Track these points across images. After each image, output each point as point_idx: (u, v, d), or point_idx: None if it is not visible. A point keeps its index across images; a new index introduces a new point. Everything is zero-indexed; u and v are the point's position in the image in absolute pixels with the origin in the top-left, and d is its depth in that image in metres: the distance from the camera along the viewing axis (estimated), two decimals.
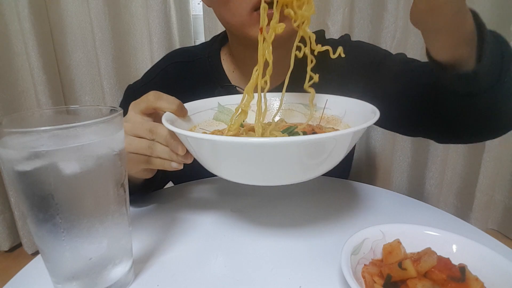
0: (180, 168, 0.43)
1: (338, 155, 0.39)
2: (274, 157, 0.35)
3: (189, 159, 0.42)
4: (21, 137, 0.28)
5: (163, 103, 0.43)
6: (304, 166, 0.37)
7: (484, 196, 1.49)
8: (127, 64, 1.38)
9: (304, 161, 0.36)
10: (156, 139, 0.42)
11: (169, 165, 0.43)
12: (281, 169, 0.37)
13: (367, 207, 0.53)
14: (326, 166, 0.39)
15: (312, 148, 0.35)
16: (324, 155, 0.37)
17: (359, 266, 0.36)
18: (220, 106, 0.53)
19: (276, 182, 0.42)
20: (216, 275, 0.38)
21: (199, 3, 1.43)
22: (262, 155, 0.34)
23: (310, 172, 0.39)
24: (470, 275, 0.33)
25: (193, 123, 0.50)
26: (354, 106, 0.48)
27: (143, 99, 0.44)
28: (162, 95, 0.44)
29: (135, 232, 0.43)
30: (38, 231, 0.30)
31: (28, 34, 1.21)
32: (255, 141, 0.33)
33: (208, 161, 0.40)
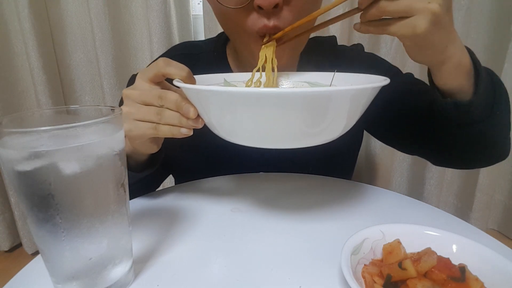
0: (190, 134, 0.42)
1: (352, 114, 0.38)
2: (284, 110, 0.34)
3: (200, 123, 0.41)
4: (21, 137, 0.28)
5: (172, 69, 0.42)
6: (313, 122, 0.37)
7: (484, 196, 1.49)
8: (127, 64, 1.38)
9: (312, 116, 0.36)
10: (165, 105, 0.41)
11: (178, 131, 0.41)
12: (290, 125, 0.36)
13: (367, 207, 0.53)
14: (337, 124, 0.38)
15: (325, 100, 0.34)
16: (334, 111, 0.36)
17: (359, 266, 0.36)
18: (226, 82, 0.53)
19: (283, 144, 0.40)
20: (216, 275, 0.38)
21: (199, 3, 1.43)
22: (273, 106, 0.34)
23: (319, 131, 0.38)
24: (470, 275, 0.33)
25: None
26: (361, 80, 0.47)
27: (152, 66, 0.43)
28: (171, 61, 0.43)
29: (135, 232, 0.43)
30: (38, 231, 0.30)
31: (28, 34, 1.21)
32: (269, 91, 0.33)
33: (218, 121, 0.39)
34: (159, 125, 0.42)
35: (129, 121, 0.42)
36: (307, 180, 0.62)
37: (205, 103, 0.38)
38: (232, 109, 0.37)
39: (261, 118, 0.36)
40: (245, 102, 0.35)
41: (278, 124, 0.36)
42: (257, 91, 0.33)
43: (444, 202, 1.57)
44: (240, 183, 0.62)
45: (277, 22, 0.49)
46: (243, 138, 0.40)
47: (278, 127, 0.36)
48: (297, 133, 0.38)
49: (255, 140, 0.39)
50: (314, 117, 0.36)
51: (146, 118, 0.41)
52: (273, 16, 0.49)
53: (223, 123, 0.39)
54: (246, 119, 0.37)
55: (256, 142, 0.39)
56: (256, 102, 0.34)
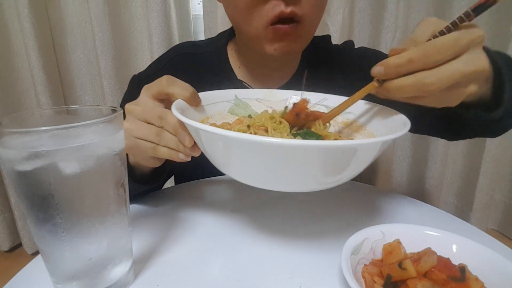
0: (187, 160, 0.41)
1: (357, 166, 0.35)
2: (290, 161, 0.32)
3: (197, 152, 0.40)
4: (21, 137, 0.28)
5: (176, 89, 0.41)
6: (321, 174, 0.34)
7: (484, 196, 1.49)
8: (127, 64, 1.38)
9: (322, 169, 0.33)
10: (164, 126, 0.40)
11: (176, 156, 0.40)
12: (296, 175, 0.34)
13: (367, 207, 0.53)
14: (344, 177, 0.36)
15: (332, 155, 0.32)
16: (343, 165, 0.34)
17: (359, 266, 0.36)
18: (237, 99, 0.51)
19: (290, 189, 0.39)
20: (216, 275, 0.38)
21: (199, 3, 1.43)
22: (277, 156, 0.31)
23: (325, 182, 0.36)
24: (470, 275, 0.33)
25: (206, 114, 0.46)
26: (381, 114, 0.44)
27: (156, 83, 0.42)
28: (175, 80, 0.42)
29: (135, 232, 0.43)
30: (38, 231, 0.30)
31: (28, 34, 1.21)
32: (272, 141, 0.29)
33: (217, 158, 0.37)
34: (158, 146, 0.41)
35: (130, 138, 0.41)
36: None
37: (197, 138, 0.37)
38: (227, 150, 0.35)
39: (255, 163, 0.34)
40: (240, 147, 0.33)
41: (276, 170, 0.34)
42: (252, 139, 0.29)
43: (444, 202, 1.57)
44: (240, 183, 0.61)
45: (295, 8, 0.49)
46: (238, 176, 0.38)
47: (275, 173, 0.34)
48: (301, 181, 0.35)
49: (249, 180, 0.37)
50: (329, 167, 0.33)
51: (145, 137, 0.40)
52: (291, 2, 0.49)
53: (217, 161, 0.37)
54: (240, 162, 0.35)
55: (250, 182, 0.37)
56: (252, 148, 0.32)
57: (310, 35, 0.58)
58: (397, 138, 0.33)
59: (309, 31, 0.56)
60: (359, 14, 1.34)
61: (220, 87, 0.65)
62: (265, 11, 0.51)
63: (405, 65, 0.34)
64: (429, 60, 0.33)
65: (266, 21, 0.51)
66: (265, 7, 0.51)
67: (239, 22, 0.57)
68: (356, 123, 0.48)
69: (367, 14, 1.34)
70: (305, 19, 0.52)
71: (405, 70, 0.35)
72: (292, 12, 0.50)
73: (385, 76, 0.36)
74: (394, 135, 0.33)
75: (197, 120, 0.45)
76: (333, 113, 0.45)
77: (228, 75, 0.66)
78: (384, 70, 0.36)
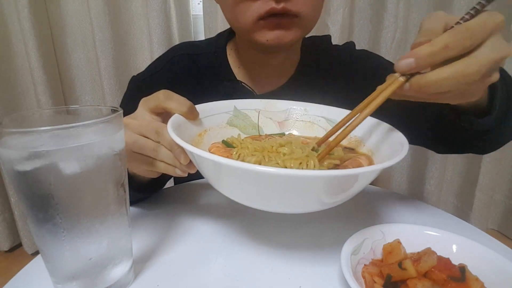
0: (184, 175, 0.41)
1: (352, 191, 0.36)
2: (282, 187, 0.32)
3: (193, 169, 0.40)
4: (21, 137, 0.28)
5: (172, 104, 0.41)
6: (316, 200, 0.35)
7: (484, 196, 1.49)
8: (127, 64, 1.38)
9: (317, 195, 0.34)
10: (161, 142, 0.40)
11: (172, 171, 0.40)
12: (289, 200, 0.35)
13: (367, 207, 0.53)
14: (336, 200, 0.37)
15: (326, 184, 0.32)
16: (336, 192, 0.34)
17: (359, 266, 0.36)
18: (236, 110, 0.50)
19: (282, 210, 0.39)
20: (216, 275, 0.38)
21: (199, 3, 1.43)
22: (270, 184, 0.32)
23: (320, 206, 0.37)
24: (470, 275, 0.33)
25: (204, 127, 0.46)
26: (380, 130, 0.44)
27: (153, 97, 0.42)
28: (172, 95, 0.42)
29: (135, 232, 0.43)
30: (38, 231, 0.30)
31: (28, 34, 1.21)
32: (264, 170, 0.29)
33: (210, 179, 0.37)
34: (155, 161, 0.41)
35: (128, 152, 0.41)
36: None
37: (192, 158, 0.37)
38: (219, 174, 0.35)
39: (247, 188, 0.34)
40: (232, 173, 0.33)
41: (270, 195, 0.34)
42: (245, 167, 0.30)
43: (444, 202, 1.57)
44: None
45: (287, 5, 0.48)
46: (231, 196, 0.38)
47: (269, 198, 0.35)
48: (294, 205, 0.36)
49: (242, 201, 0.38)
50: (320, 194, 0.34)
51: (143, 152, 0.40)
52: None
53: (211, 181, 0.38)
54: (232, 185, 0.36)
55: (244, 202, 0.38)
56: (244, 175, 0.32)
57: (307, 27, 0.56)
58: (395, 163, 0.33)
59: (306, 24, 0.54)
60: (359, 14, 1.34)
61: (219, 87, 0.65)
62: (254, 6, 0.50)
63: (440, 53, 0.30)
64: (465, 45, 0.30)
65: (257, 17, 0.50)
66: (255, 4, 0.50)
67: (229, 19, 0.57)
68: (356, 138, 0.47)
69: (367, 14, 1.34)
70: (301, 14, 0.51)
71: (440, 59, 0.31)
72: (284, 8, 0.48)
73: (416, 68, 0.32)
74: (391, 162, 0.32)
75: (195, 133, 0.45)
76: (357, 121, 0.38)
77: (227, 76, 0.65)
78: (416, 61, 0.31)
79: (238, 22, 0.54)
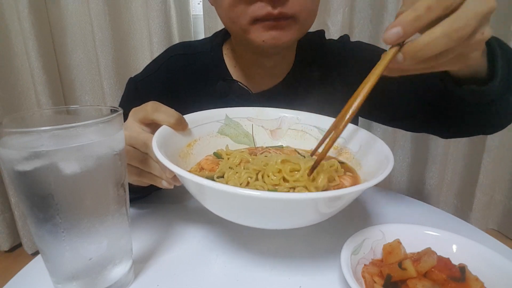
0: (170, 187, 0.41)
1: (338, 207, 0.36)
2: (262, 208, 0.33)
3: (178, 182, 0.40)
4: (21, 137, 0.28)
5: (160, 116, 0.41)
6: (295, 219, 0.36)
7: (484, 196, 1.49)
8: (127, 64, 1.38)
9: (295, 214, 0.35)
10: (149, 153, 0.40)
11: (159, 182, 0.41)
12: (273, 219, 0.36)
13: (367, 207, 0.53)
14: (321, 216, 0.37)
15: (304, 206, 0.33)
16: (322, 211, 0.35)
17: (359, 266, 0.36)
18: (227, 119, 0.50)
19: (268, 227, 0.40)
20: (216, 275, 0.38)
21: (199, 3, 1.43)
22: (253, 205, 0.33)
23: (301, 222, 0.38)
24: (470, 275, 0.33)
25: (193, 137, 0.46)
26: (370, 143, 0.44)
27: (142, 108, 0.42)
28: (160, 106, 0.42)
29: (135, 232, 0.43)
30: (38, 231, 0.30)
31: (28, 34, 1.21)
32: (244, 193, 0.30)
33: (194, 195, 0.38)
34: (143, 172, 0.41)
35: None
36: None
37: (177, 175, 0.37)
38: (202, 194, 0.36)
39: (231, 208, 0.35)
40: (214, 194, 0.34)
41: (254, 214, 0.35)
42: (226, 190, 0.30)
43: (444, 202, 1.57)
44: None
45: (283, 9, 0.48)
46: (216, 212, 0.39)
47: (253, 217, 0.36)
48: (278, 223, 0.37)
49: (227, 217, 0.38)
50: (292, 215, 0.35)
51: (131, 162, 0.41)
52: (279, 3, 0.48)
53: (196, 197, 0.38)
54: (215, 203, 0.37)
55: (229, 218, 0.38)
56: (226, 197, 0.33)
57: (303, 28, 0.56)
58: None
59: (302, 26, 0.54)
60: (359, 14, 1.34)
61: (215, 87, 0.65)
62: (250, 10, 0.50)
63: (424, 15, 0.30)
64: (447, 3, 0.30)
65: (253, 19, 0.50)
66: (251, 8, 0.49)
67: (225, 21, 0.57)
68: (346, 149, 0.47)
69: (367, 14, 1.34)
70: (298, 16, 0.51)
71: (425, 22, 0.31)
72: (280, 13, 0.48)
73: (404, 36, 0.32)
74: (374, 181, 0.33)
75: (183, 144, 0.45)
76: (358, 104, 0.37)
77: (223, 75, 0.66)
78: (402, 28, 0.31)
79: (234, 24, 0.54)
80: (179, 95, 0.43)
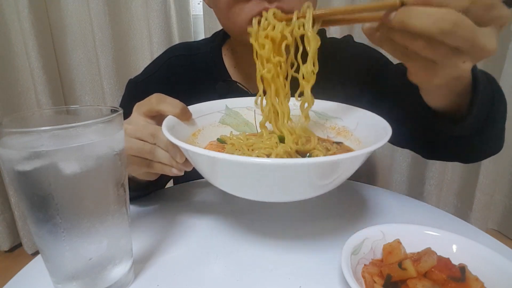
0: (181, 174, 0.43)
1: (340, 176, 0.37)
2: (273, 177, 0.34)
3: (189, 167, 0.42)
4: (21, 137, 0.28)
5: (165, 106, 0.43)
6: (307, 187, 0.36)
7: (484, 196, 1.49)
8: (127, 64, 1.38)
9: (307, 182, 0.35)
10: (157, 143, 0.41)
11: (169, 171, 0.42)
12: (281, 188, 0.36)
13: (367, 207, 0.53)
14: (327, 186, 0.38)
15: (313, 171, 0.34)
16: (325, 178, 0.36)
17: (359, 266, 0.36)
18: (227, 109, 0.52)
19: (277, 199, 0.41)
20: (216, 275, 0.38)
21: (199, 3, 1.43)
22: (262, 174, 0.34)
23: (313, 192, 0.38)
24: (470, 275, 0.33)
25: (197, 127, 0.48)
26: (367, 119, 0.46)
27: (146, 102, 0.43)
28: (165, 98, 0.43)
29: (135, 232, 0.43)
30: (38, 231, 0.30)
31: (28, 34, 1.21)
32: (254, 161, 0.32)
33: (206, 174, 0.39)
34: (152, 162, 0.42)
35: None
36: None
37: (188, 156, 0.39)
38: (215, 169, 0.37)
39: (242, 180, 0.36)
40: (227, 167, 0.35)
41: (263, 185, 0.36)
42: (237, 160, 0.32)
43: (444, 202, 1.57)
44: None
45: (280, 3, 0.48)
46: (228, 190, 0.39)
47: (262, 188, 0.36)
48: (288, 193, 0.38)
49: (239, 193, 0.39)
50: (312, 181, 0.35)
51: (140, 154, 0.42)
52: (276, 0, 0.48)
53: (207, 176, 0.39)
54: (228, 179, 0.37)
55: (240, 194, 0.39)
56: (238, 168, 0.34)
57: None
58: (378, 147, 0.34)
59: None
60: None
61: (215, 88, 0.65)
62: (247, 8, 0.50)
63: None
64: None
65: (248, 17, 0.50)
66: (248, 4, 0.49)
67: (224, 22, 0.57)
68: (344, 128, 0.49)
69: None
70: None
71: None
72: (278, 7, 0.48)
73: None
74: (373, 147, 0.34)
75: (189, 133, 0.47)
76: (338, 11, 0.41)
77: (222, 76, 0.65)
78: None
79: (233, 24, 0.53)
80: (179, 96, 0.44)
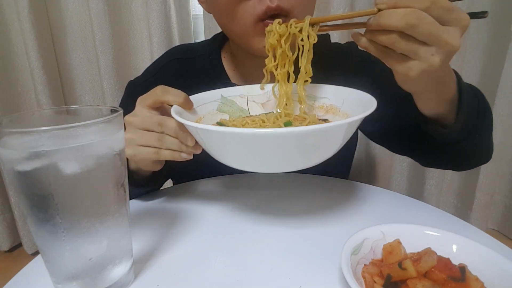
0: (190, 158, 0.45)
1: (333, 145, 0.40)
2: (272, 146, 0.37)
3: (198, 149, 0.44)
4: (21, 137, 0.28)
5: (170, 97, 0.44)
6: (302, 154, 0.39)
7: (484, 196, 1.49)
8: (127, 64, 1.38)
9: (300, 150, 0.38)
10: (165, 131, 0.43)
11: (178, 156, 0.44)
12: (280, 157, 0.39)
13: (367, 207, 0.53)
14: (324, 154, 0.41)
15: (306, 138, 0.37)
16: (319, 145, 0.39)
17: (359, 266, 0.36)
18: (223, 98, 0.55)
19: (278, 169, 0.44)
20: (216, 275, 0.38)
21: None
22: (262, 143, 0.37)
23: (310, 160, 0.41)
24: (470, 275, 0.33)
25: (198, 115, 0.51)
26: (352, 96, 0.49)
27: (151, 94, 0.45)
28: (169, 89, 0.45)
29: (135, 232, 0.43)
30: (38, 231, 0.30)
31: (28, 34, 1.21)
32: (256, 132, 0.35)
33: (215, 150, 0.41)
34: (161, 150, 0.44)
35: (132, 147, 0.44)
36: (307, 180, 0.62)
37: (198, 137, 0.41)
38: (223, 143, 0.39)
39: (248, 151, 0.38)
40: (234, 139, 0.37)
41: (270, 156, 0.38)
42: (243, 132, 0.35)
43: (444, 202, 1.57)
44: (240, 183, 0.62)
45: (281, 2, 0.49)
46: (236, 164, 0.42)
47: (264, 157, 0.39)
48: (292, 161, 0.40)
49: (246, 166, 0.42)
50: (310, 147, 0.38)
51: (148, 143, 0.44)
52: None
53: (216, 152, 0.42)
54: (235, 151, 0.40)
55: (248, 167, 0.42)
56: (244, 139, 0.36)
57: None
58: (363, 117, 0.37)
59: None
60: None
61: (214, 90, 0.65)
62: (250, 7, 0.50)
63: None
64: None
65: (254, 18, 0.51)
66: (249, 3, 0.50)
67: (226, 23, 0.57)
68: (332, 106, 0.53)
69: None
70: (293, 12, 0.51)
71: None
72: (278, 6, 0.49)
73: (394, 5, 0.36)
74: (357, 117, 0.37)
75: (192, 121, 0.49)
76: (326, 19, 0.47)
77: (222, 79, 0.66)
78: None
79: (237, 26, 0.54)
80: None
